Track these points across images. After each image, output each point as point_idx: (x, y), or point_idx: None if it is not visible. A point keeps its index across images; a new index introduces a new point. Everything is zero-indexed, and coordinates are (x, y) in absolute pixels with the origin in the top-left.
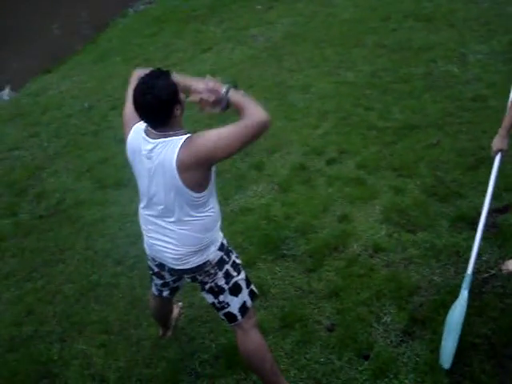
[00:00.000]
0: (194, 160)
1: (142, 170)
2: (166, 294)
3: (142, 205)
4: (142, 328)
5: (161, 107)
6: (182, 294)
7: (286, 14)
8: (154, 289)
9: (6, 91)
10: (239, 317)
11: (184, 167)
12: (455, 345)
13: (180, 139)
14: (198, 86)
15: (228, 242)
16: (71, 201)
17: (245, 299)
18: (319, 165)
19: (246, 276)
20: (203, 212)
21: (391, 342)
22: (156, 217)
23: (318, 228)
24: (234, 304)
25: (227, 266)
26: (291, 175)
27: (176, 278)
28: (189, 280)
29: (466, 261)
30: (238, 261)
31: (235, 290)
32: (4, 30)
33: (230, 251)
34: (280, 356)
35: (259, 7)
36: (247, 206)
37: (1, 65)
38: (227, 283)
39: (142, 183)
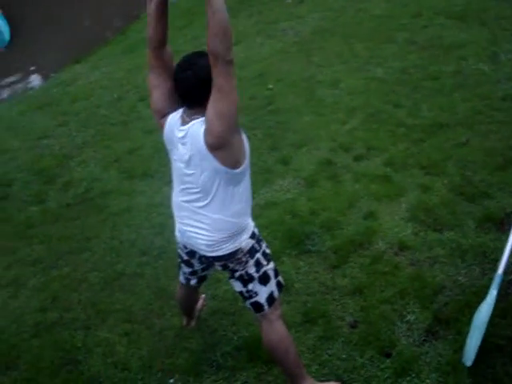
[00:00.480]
0: (216, 137)
1: (177, 155)
2: (193, 282)
3: (176, 191)
4: (165, 318)
5: (199, 85)
6: (205, 286)
7: (316, 9)
8: (181, 277)
9: (37, 80)
10: (266, 307)
11: (214, 147)
12: (478, 343)
13: (203, 119)
14: None
15: (259, 231)
16: (98, 190)
17: (272, 289)
18: (346, 161)
19: (275, 266)
20: (237, 195)
21: (414, 340)
22: (190, 202)
23: (343, 224)
24: (262, 293)
25: (258, 255)
26: (318, 170)
27: (205, 267)
28: (219, 268)
29: (493, 261)
30: (267, 250)
31: (264, 280)
32: (35, 19)
33: (261, 240)
34: (302, 351)
35: (289, 1)
36: (273, 200)
37: (32, 54)
38: (257, 271)
39: (178, 169)
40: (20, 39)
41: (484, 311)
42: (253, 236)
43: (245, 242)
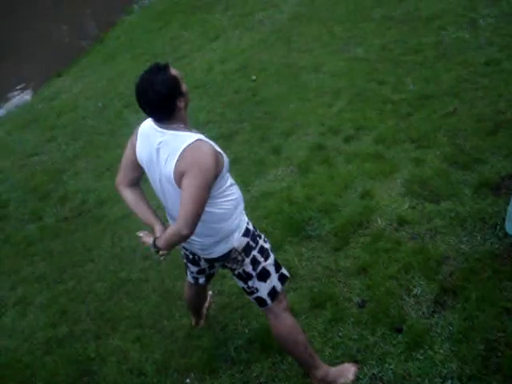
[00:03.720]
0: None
1: (154, 173)
2: (201, 281)
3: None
4: (174, 319)
5: (164, 102)
6: (211, 283)
7: None
8: (189, 277)
9: (21, 98)
10: (269, 301)
11: (179, 174)
12: None
13: (185, 141)
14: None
15: (254, 226)
16: (94, 201)
17: (273, 284)
18: (337, 143)
19: (275, 260)
20: (216, 206)
21: (423, 313)
22: (174, 211)
23: (340, 206)
24: (263, 289)
25: (254, 252)
26: (310, 156)
27: (210, 265)
28: (219, 267)
29: (493, 227)
30: (266, 245)
31: (263, 276)
32: (11, 39)
33: (257, 235)
34: (313, 336)
35: None
36: (268, 190)
37: (12, 72)
38: (254, 269)
39: (156, 185)
40: None
41: None
42: (246, 233)
43: (237, 240)
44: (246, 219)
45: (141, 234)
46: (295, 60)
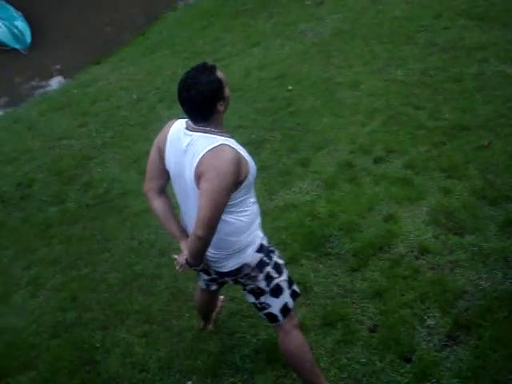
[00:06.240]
0: (202, 174)
1: (179, 176)
2: (213, 288)
3: (181, 211)
4: (183, 319)
5: (204, 103)
6: (224, 288)
7: (336, 10)
8: (201, 283)
9: (57, 81)
10: (280, 317)
11: (199, 174)
12: None
13: (213, 142)
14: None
15: (269, 242)
16: (117, 191)
17: (286, 300)
18: (366, 163)
19: (289, 276)
20: (234, 215)
21: (434, 345)
22: (192, 218)
23: (362, 227)
24: (275, 305)
25: (268, 268)
26: (337, 173)
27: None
28: (231, 282)
29: None
30: (280, 261)
31: (276, 292)
32: (56, 21)
33: (272, 251)
34: (321, 354)
35: (309, 2)
36: (292, 202)
37: (52, 55)
38: (268, 285)
39: (179, 189)
40: (41, 41)
41: None
42: (260, 249)
43: (250, 256)
44: (261, 235)
45: (175, 257)
46: (333, 75)
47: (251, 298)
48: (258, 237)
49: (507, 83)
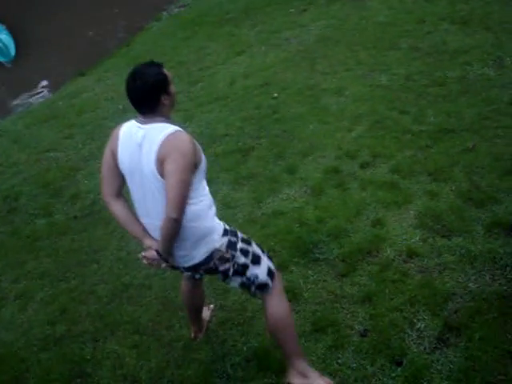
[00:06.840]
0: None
1: (134, 173)
2: (197, 276)
3: (138, 214)
4: (173, 329)
5: (149, 92)
6: (213, 296)
7: (320, 17)
8: (184, 273)
9: (42, 93)
10: (269, 282)
11: (161, 159)
12: None
13: (164, 130)
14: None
15: (230, 225)
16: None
17: (267, 263)
18: (352, 168)
19: (257, 243)
20: (191, 201)
21: (425, 348)
22: (151, 219)
23: (350, 232)
24: (261, 272)
25: (240, 245)
26: (324, 179)
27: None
28: (206, 274)
29: (502, 267)
30: (244, 236)
31: (257, 260)
32: (41, 33)
33: (235, 231)
34: (312, 360)
35: (292, 10)
36: (280, 209)
37: (37, 67)
38: (247, 258)
39: (136, 189)
40: (25, 53)
41: None
42: (225, 233)
43: (218, 241)
44: (221, 222)
45: (143, 254)
46: (318, 81)
47: (238, 280)
48: (219, 223)
49: (490, 86)
